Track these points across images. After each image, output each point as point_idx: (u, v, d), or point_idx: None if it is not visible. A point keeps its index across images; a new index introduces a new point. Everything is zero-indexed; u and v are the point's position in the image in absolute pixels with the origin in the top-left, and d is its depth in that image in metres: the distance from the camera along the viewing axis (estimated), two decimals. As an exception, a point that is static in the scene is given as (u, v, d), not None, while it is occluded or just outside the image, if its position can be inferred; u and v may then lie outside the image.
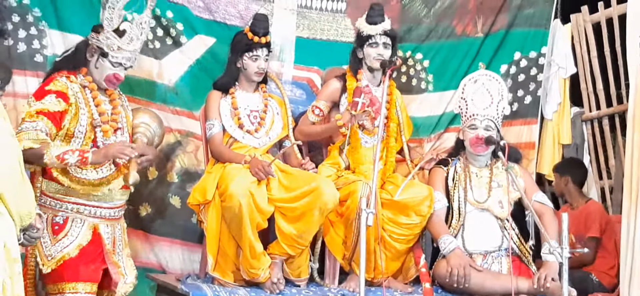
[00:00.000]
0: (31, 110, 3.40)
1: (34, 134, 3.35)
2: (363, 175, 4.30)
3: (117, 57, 3.56)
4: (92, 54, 3.60)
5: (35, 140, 3.35)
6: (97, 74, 3.60)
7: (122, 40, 3.56)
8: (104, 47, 3.55)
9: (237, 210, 3.87)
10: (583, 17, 5.91)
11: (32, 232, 2.67)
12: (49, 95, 3.44)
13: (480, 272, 4.16)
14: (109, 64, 3.57)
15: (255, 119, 4.37)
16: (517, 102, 5.40)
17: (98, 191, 3.53)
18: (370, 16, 4.48)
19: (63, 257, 3.41)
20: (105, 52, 3.55)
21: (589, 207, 5.47)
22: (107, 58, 3.56)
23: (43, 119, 3.39)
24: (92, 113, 3.56)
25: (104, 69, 3.58)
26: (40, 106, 3.41)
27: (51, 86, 3.47)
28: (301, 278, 4.19)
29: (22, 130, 3.35)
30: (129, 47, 3.58)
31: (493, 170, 4.45)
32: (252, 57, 4.32)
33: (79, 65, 3.62)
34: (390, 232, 4.21)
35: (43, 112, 3.40)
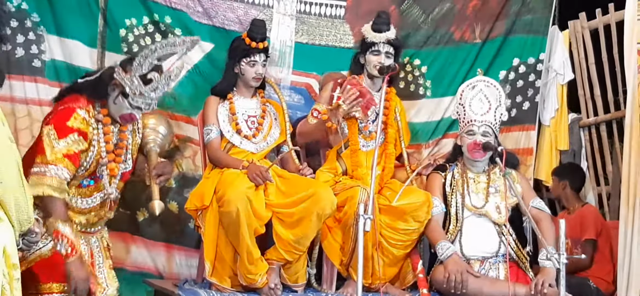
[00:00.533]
0: (57, 150, 3.32)
1: (58, 183, 3.31)
2: (361, 180, 4.30)
3: (138, 102, 3.48)
4: (114, 88, 3.50)
5: (60, 190, 3.32)
6: (114, 109, 3.52)
7: (147, 88, 3.46)
8: (127, 88, 3.46)
9: (235, 216, 3.87)
10: (581, 23, 5.93)
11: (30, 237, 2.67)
12: (72, 134, 3.37)
13: (477, 278, 4.16)
14: (128, 105, 3.49)
15: (253, 124, 4.37)
16: (515, 108, 5.41)
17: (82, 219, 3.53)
18: (375, 23, 4.47)
19: (34, 259, 3.35)
20: (127, 93, 3.47)
21: (584, 211, 5.48)
22: (127, 99, 3.47)
23: (68, 163, 3.34)
24: (101, 150, 3.52)
25: (122, 107, 3.50)
26: (64, 148, 3.33)
27: (73, 122, 3.39)
28: (298, 284, 4.19)
29: (45, 173, 3.29)
30: (151, 95, 3.50)
31: (491, 175, 4.45)
32: (250, 63, 4.32)
33: (99, 96, 3.53)
34: (388, 238, 4.21)
35: (69, 155, 3.34)
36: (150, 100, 3.52)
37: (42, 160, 3.31)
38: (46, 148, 3.32)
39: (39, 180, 3.28)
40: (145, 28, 4.85)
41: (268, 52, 4.43)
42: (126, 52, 4.78)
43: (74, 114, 3.41)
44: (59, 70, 4.66)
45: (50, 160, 3.31)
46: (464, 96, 4.51)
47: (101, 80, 3.53)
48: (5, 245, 2.42)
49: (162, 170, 3.69)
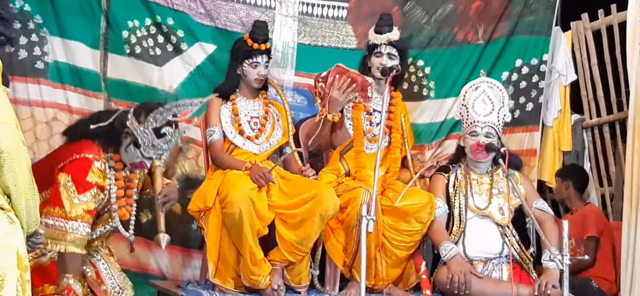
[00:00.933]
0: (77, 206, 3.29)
1: (80, 240, 3.31)
2: (364, 181, 4.29)
3: (149, 153, 3.47)
4: (126, 136, 3.48)
5: (81, 246, 3.33)
6: (125, 156, 3.51)
7: (159, 141, 3.45)
8: (139, 139, 3.44)
9: (238, 217, 3.87)
10: (583, 24, 5.94)
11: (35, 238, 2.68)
12: (92, 190, 3.35)
13: (480, 279, 4.16)
14: (140, 154, 3.47)
15: (255, 126, 4.37)
16: (518, 109, 5.40)
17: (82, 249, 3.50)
18: (377, 25, 4.49)
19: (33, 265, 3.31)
20: (139, 144, 3.45)
21: (585, 210, 5.49)
22: (139, 149, 3.46)
23: (88, 218, 3.34)
24: (111, 199, 3.51)
25: (133, 156, 3.49)
26: (85, 204, 3.31)
27: (92, 177, 3.36)
28: (302, 285, 4.18)
29: (67, 230, 3.27)
30: (163, 147, 3.49)
31: (494, 177, 4.45)
32: (252, 64, 4.33)
33: (112, 144, 3.49)
34: (391, 239, 4.21)
35: (88, 211, 3.33)
36: (162, 151, 3.50)
37: (62, 213, 3.28)
38: (65, 202, 3.28)
39: (60, 235, 3.26)
40: (148, 30, 4.85)
41: (270, 53, 4.43)
42: (129, 53, 4.78)
43: (92, 168, 3.37)
44: (61, 71, 4.66)
45: (71, 216, 3.28)
46: (467, 97, 4.51)
47: (114, 128, 3.47)
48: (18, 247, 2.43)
49: (167, 194, 3.65)
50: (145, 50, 4.84)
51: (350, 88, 4.16)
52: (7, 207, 2.41)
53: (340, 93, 4.15)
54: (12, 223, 2.43)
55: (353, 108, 4.43)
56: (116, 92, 4.78)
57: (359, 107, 4.43)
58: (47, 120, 4.60)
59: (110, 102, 4.75)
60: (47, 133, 4.59)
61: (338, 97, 4.16)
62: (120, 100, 4.76)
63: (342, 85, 4.15)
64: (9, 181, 2.38)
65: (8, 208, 2.42)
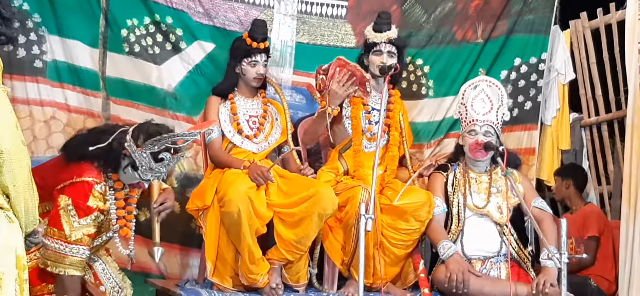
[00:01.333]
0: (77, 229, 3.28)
1: (79, 262, 3.30)
2: (362, 180, 4.30)
3: (147, 176, 3.46)
4: (124, 158, 3.45)
5: (81, 268, 3.33)
6: (123, 177, 3.49)
7: (157, 165, 3.43)
8: (136, 161, 3.41)
9: (236, 216, 3.87)
10: (582, 23, 5.93)
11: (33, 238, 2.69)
12: (94, 213, 3.34)
13: (479, 278, 4.16)
14: (137, 176, 3.46)
15: (254, 124, 4.37)
16: (517, 107, 5.40)
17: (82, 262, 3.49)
18: (376, 23, 4.49)
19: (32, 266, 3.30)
20: (137, 167, 3.43)
21: (586, 210, 5.50)
22: (136, 171, 3.44)
23: (88, 242, 3.33)
24: (111, 220, 3.50)
25: (131, 177, 3.48)
26: (85, 228, 3.30)
27: (92, 201, 3.34)
28: (300, 284, 4.19)
29: (66, 254, 3.26)
30: (161, 171, 3.47)
31: (492, 175, 4.45)
32: (251, 63, 4.33)
33: (111, 166, 3.46)
34: (389, 237, 4.21)
35: (90, 235, 3.33)
36: (160, 173, 3.49)
37: (61, 236, 3.26)
38: (65, 225, 3.26)
39: (60, 258, 3.25)
40: (147, 28, 4.85)
41: (269, 52, 4.44)
42: (128, 52, 4.78)
43: (93, 192, 3.35)
44: (60, 70, 4.66)
45: (71, 240, 3.27)
46: (466, 96, 4.51)
47: (112, 149, 3.44)
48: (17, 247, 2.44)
49: (164, 202, 3.64)
50: (144, 48, 4.84)
51: (350, 82, 4.17)
52: (6, 206, 2.41)
53: (340, 86, 4.16)
54: (11, 223, 2.43)
55: (352, 106, 4.44)
56: (115, 91, 4.78)
57: (357, 105, 4.43)
58: (45, 119, 4.60)
59: (109, 101, 4.75)
60: (45, 132, 4.59)
61: (338, 90, 4.16)
62: (119, 99, 4.77)
63: (342, 78, 4.15)
64: (8, 181, 2.38)
65: (7, 207, 2.42)
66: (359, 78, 4.20)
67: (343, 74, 4.16)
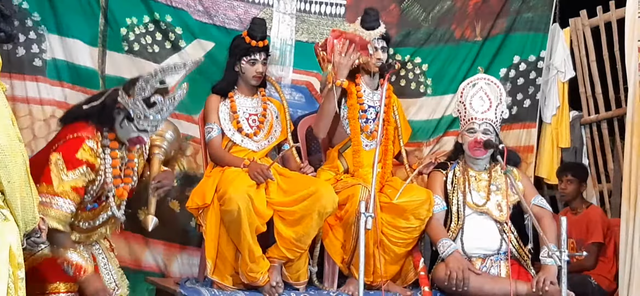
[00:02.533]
0: (65, 183, 3.29)
1: (63, 217, 3.30)
2: (362, 178, 4.30)
3: (144, 125, 3.46)
4: (119, 112, 3.47)
5: (64, 223, 3.32)
6: (121, 133, 3.50)
7: (151, 111, 3.43)
8: (131, 111, 3.43)
9: (236, 214, 3.87)
10: (582, 21, 5.93)
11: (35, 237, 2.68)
12: (81, 167, 3.35)
13: (479, 275, 4.16)
14: (134, 127, 3.46)
15: (254, 123, 4.37)
16: (516, 105, 5.41)
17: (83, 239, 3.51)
18: (366, 21, 4.44)
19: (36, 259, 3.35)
20: (132, 117, 3.44)
21: (589, 213, 5.46)
22: (132, 122, 3.45)
23: (75, 196, 3.33)
24: (107, 179, 3.50)
25: (129, 131, 3.47)
26: (72, 181, 3.31)
27: (82, 154, 3.36)
28: (300, 282, 4.19)
29: (52, 205, 3.27)
30: (157, 117, 3.47)
31: (492, 173, 4.45)
32: (250, 61, 4.33)
33: (106, 122, 3.49)
34: (389, 236, 4.21)
35: (76, 188, 3.33)
36: (156, 122, 3.49)
37: (48, 190, 3.28)
38: (54, 179, 3.28)
39: (44, 210, 3.23)
40: (146, 27, 4.85)
41: (268, 51, 4.43)
42: (127, 51, 4.78)
43: (83, 145, 3.37)
44: (60, 69, 4.66)
45: (57, 192, 3.28)
46: (465, 94, 4.51)
47: (106, 106, 3.48)
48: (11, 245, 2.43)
49: (162, 179, 3.67)
50: (143, 47, 4.84)
51: (352, 49, 4.17)
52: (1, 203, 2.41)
53: (343, 56, 4.16)
54: (6, 220, 2.43)
55: (348, 108, 4.41)
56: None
57: (354, 106, 4.40)
58: (45, 118, 4.60)
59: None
60: (45, 130, 4.58)
61: (342, 60, 4.17)
62: (118, 97, 4.76)
63: (342, 47, 4.15)
64: (3, 178, 2.38)
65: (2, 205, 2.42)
66: (359, 43, 4.21)
67: (343, 43, 4.16)
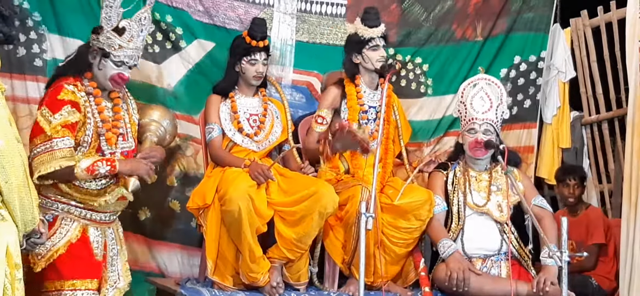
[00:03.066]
0: (55, 124, 3.34)
1: (68, 152, 3.34)
2: (363, 179, 4.29)
3: (119, 55, 3.51)
4: (94, 56, 3.55)
5: (71, 157, 3.35)
6: (101, 75, 3.55)
7: (123, 38, 3.51)
8: (105, 47, 3.50)
9: (237, 214, 3.87)
10: (582, 21, 5.93)
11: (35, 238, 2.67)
12: (65, 106, 3.39)
13: (479, 276, 4.16)
14: (112, 64, 3.52)
15: (254, 123, 4.37)
16: (516, 105, 5.41)
17: (95, 202, 3.51)
18: (368, 20, 4.44)
19: (52, 255, 3.37)
20: (107, 52, 3.51)
21: (589, 214, 5.46)
22: (109, 58, 3.51)
23: (69, 133, 3.37)
24: (97, 121, 3.52)
25: (107, 69, 3.53)
26: (61, 120, 3.36)
27: (63, 95, 3.41)
28: (300, 282, 4.19)
29: (53, 148, 3.31)
30: (130, 45, 3.53)
31: (492, 174, 4.45)
32: (251, 61, 4.32)
33: (83, 69, 3.57)
34: (390, 236, 4.21)
35: (67, 125, 3.37)
36: (131, 51, 3.55)
37: (44, 138, 3.33)
38: (44, 126, 3.34)
39: (49, 157, 3.30)
40: (147, 27, 4.84)
41: (269, 51, 4.43)
42: (127, 51, 4.77)
43: (63, 89, 3.43)
44: (60, 69, 4.65)
45: (52, 135, 3.33)
46: (465, 94, 4.51)
47: (80, 54, 3.61)
48: (8, 244, 2.43)
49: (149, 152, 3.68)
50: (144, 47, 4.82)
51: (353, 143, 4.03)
52: None
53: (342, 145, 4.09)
54: (3, 221, 2.43)
55: (348, 109, 4.41)
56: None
57: (353, 108, 4.41)
58: (45, 118, 4.59)
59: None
60: (45, 130, 4.57)
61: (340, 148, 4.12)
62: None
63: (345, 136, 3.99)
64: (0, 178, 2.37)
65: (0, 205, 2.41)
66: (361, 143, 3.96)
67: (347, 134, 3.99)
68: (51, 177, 3.35)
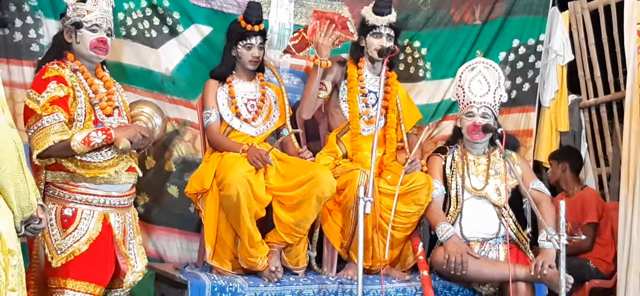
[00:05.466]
0: (43, 102, 3.36)
1: (60, 127, 3.35)
2: (361, 163, 4.29)
3: (90, 19, 3.57)
4: (70, 34, 3.60)
5: (63, 132, 3.35)
6: (82, 48, 3.58)
7: (88, 4, 3.58)
8: (75, 18, 3.56)
9: (235, 199, 3.87)
10: (581, 4, 5.92)
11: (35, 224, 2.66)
12: (51, 83, 3.41)
13: (477, 259, 4.17)
14: (87, 31, 3.57)
15: (252, 108, 4.36)
16: (515, 89, 5.40)
17: (105, 173, 3.48)
18: (377, 6, 4.45)
19: (73, 252, 3.35)
20: (78, 22, 3.56)
21: (584, 194, 5.49)
22: (82, 27, 3.57)
23: (59, 108, 3.39)
24: (88, 93, 3.54)
25: (84, 39, 3.57)
26: (48, 96, 3.38)
27: (48, 74, 3.44)
28: (299, 267, 4.20)
29: (45, 125, 3.33)
30: (96, 8, 3.60)
31: (491, 157, 4.45)
32: (246, 45, 4.32)
33: (63, 51, 3.61)
34: (388, 220, 4.21)
35: (55, 101, 3.39)
36: (100, 13, 3.60)
37: (35, 119, 3.36)
38: (34, 107, 3.37)
39: (43, 134, 3.32)
40: (144, 11, 4.81)
41: (265, 35, 4.42)
42: (124, 36, 4.75)
43: (47, 69, 3.48)
44: (57, 54, 4.64)
45: (41, 114, 3.35)
46: (464, 78, 4.51)
47: (56, 39, 3.68)
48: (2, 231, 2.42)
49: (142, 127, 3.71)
50: (141, 32, 4.81)
51: (332, 29, 4.23)
52: None
53: (324, 37, 4.24)
54: None
55: (348, 90, 4.43)
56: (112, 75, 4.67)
57: (354, 89, 4.42)
58: (42, 103, 4.58)
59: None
60: (43, 116, 4.56)
61: (323, 42, 4.25)
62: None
63: (322, 28, 4.24)
64: None
65: None
66: (339, 22, 4.28)
67: (323, 24, 4.21)
68: (49, 154, 3.36)
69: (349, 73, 4.48)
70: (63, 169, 3.44)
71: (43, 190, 3.43)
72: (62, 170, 3.44)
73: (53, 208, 3.40)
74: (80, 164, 3.44)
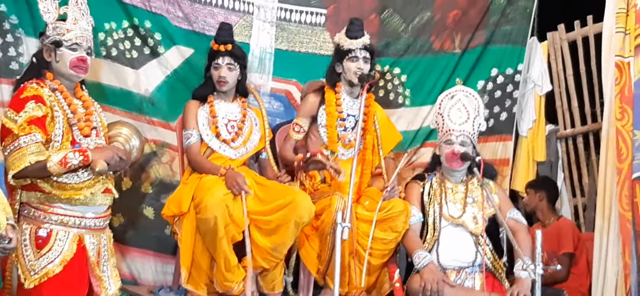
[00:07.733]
0: (20, 122, 3.34)
1: (36, 147, 3.33)
2: (339, 188, 4.29)
3: (71, 38, 3.55)
4: (49, 53, 3.56)
5: (40, 152, 3.33)
6: (62, 67, 3.55)
7: (68, 22, 3.56)
8: (54, 37, 3.54)
9: (213, 224, 3.85)
10: (559, 35, 5.97)
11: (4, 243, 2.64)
12: (29, 102, 3.38)
13: (453, 287, 4.16)
14: (67, 50, 3.55)
15: (232, 129, 4.35)
16: (493, 118, 5.43)
17: (80, 194, 3.46)
18: (350, 30, 4.47)
19: (46, 273, 3.32)
20: (58, 40, 3.54)
21: (560, 224, 5.52)
22: (62, 46, 3.54)
23: (36, 128, 3.36)
24: (67, 113, 3.51)
25: (64, 57, 3.54)
26: (26, 116, 3.35)
27: (26, 93, 3.42)
28: (275, 292, 4.17)
29: (21, 145, 3.31)
30: (76, 27, 3.58)
31: (468, 185, 4.46)
32: (214, 65, 4.33)
33: (42, 70, 3.58)
34: (365, 246, 4.20)
35: (33, 121, 3.36)
36: (80, 31, 3.59)
37: (12, 138, 3.33)
38: (11, 127, 3.34)
39: (19, 155, 3.29)
40: (125, 32, 4.82)
41: (235, 56, 4.36)
42: (105, 56, 4.74)
43: (26, 88, 3.45)
44: (36, 73, 4.61)
45: (18, 134, 3.33)
46: (443, 105, 4.52)
47: (35, 57, 3.65)
48: None
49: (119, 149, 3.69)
50: (121, 52, 4.80)
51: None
52: None
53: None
54: None
55: (326, 115, 4.43)
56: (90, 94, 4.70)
57: (332, 114, 4.43)
58: (20, 122, 4.55)
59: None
60: (20, 134, 4.53)
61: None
62: (95, 102, 4.73)
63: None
64: None
65: None
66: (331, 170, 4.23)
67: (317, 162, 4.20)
68: (25, 174, 3.33)
69: (326, 98, 4.48)
70: (38, 189, 3.41)
71: (18, 210, 3.40)
72: (38, 191, 3.41)
73: (27, 229, 3.36)
74: (56, 185, 3.41)
